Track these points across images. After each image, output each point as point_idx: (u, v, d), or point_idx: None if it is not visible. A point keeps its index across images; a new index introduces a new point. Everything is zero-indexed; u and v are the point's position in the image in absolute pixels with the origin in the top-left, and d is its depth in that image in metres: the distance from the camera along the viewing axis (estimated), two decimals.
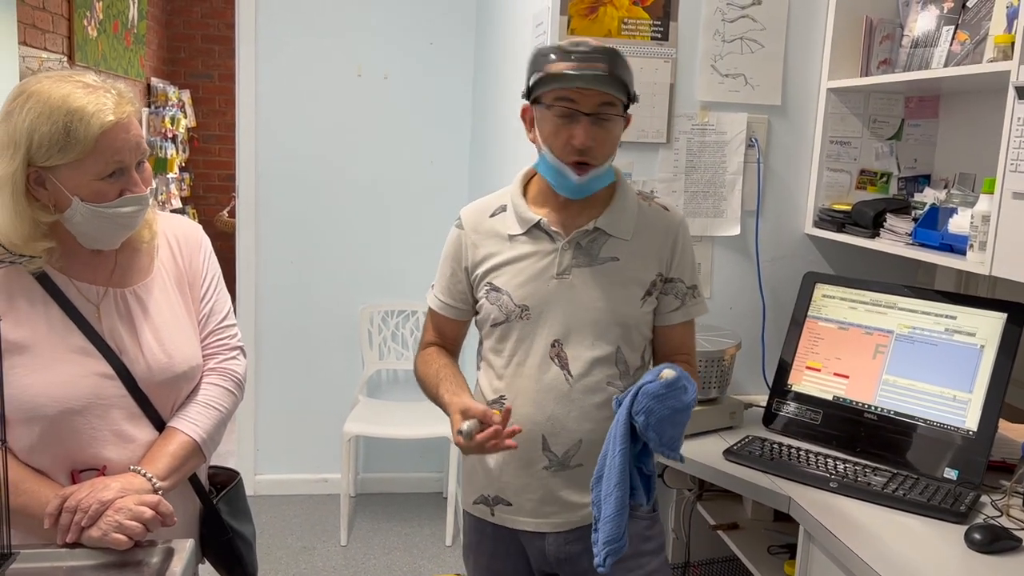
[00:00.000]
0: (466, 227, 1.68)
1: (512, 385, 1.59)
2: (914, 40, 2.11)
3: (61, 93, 1.30)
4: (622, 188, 1.59)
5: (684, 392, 1.37)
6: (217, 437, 1.54)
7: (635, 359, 1.59)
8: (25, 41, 3.75)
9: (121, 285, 1.46)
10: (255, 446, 3.83)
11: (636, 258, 1.56)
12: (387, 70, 3.67)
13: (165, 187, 5.85)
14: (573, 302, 1.54)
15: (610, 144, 1.50)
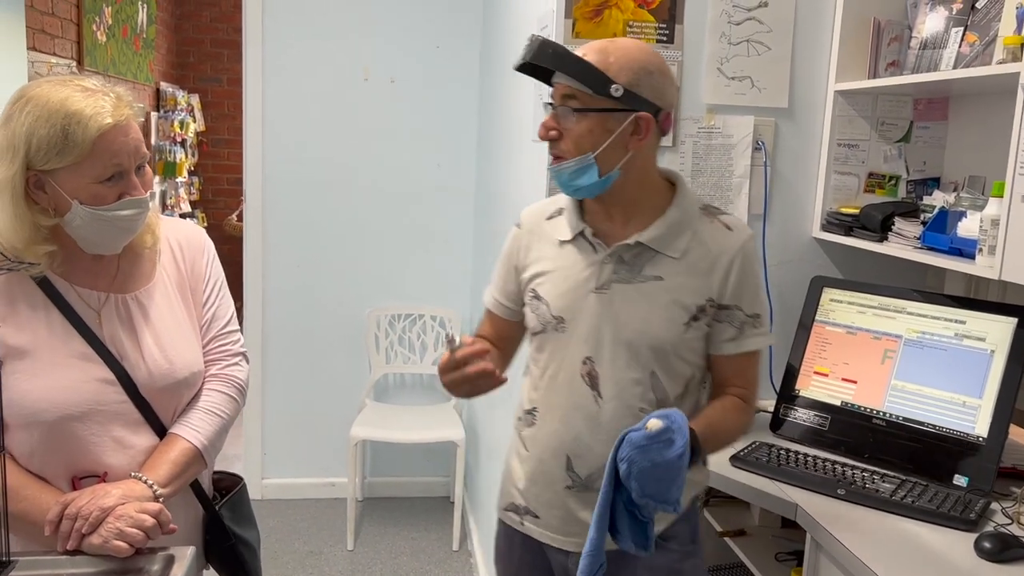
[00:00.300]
0: (523, 227, 1.62)
1: (544, 398, 1.54)
2: (923, 42, 2.09)
3: (59, 97, 1.30)
4: (678, 201, 1.48)
5: (668, 447, 1.26)
6: (219, 443, 1.53)
7: (675, 387, 1.48)
8: (34, 46, 3.77)
9: (123, 291, 1.46)
10: (262, 450, 3.83)
11: (683, 279, 1.44)
12: (394, 74, 3.67)
13: (174, 191, 5.87)
14: (609, 319, 1.46)
15: (577, 137, 1.40)
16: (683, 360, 1.47)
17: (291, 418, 3.83)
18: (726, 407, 1.48)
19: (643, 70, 1.40)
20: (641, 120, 1.40)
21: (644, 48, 1.43)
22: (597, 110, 1.40)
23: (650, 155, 1.47)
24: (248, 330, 3.75)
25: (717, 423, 1.45)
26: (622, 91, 1.38)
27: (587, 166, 1.42)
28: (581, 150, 1.41)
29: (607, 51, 1.40)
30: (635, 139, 1.41)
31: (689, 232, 1.46)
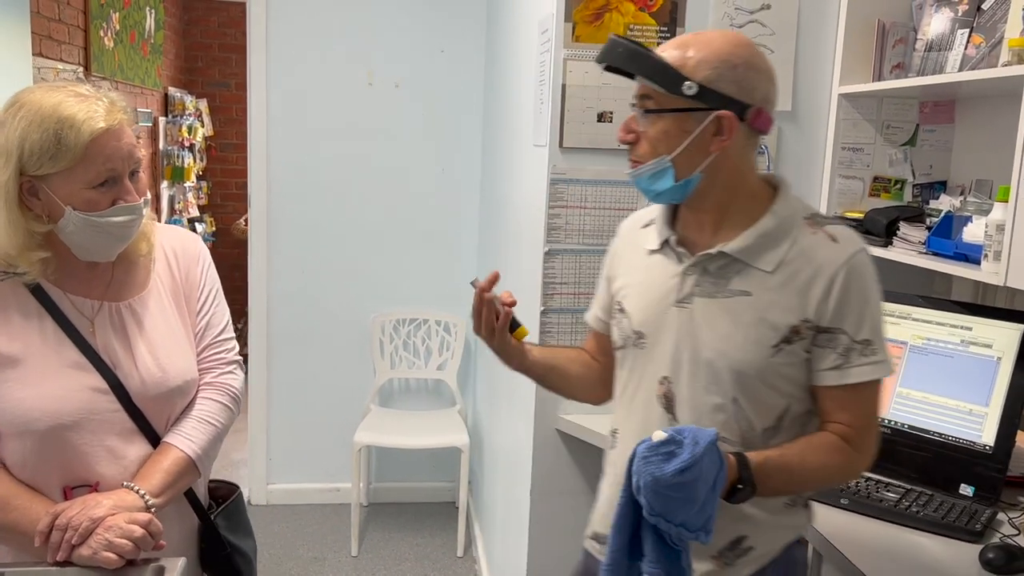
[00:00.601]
0: (620, 235, 1.54)
1: (623, 419, 1.46)
2: (928, 43, 2.06)
3: (52, 102, 1.30)
4: (776, 208, 1.32)
5: (666, 460, 1.14)
6: (212, 452, 1.52)
7: (763, 419, 1.31)
8: (41, 52, 3.78)
9: (116, 299, 1.45)
10: (267, 455, 3.83)
11: (774, 295, 1.28)
12: (398, 78, 3.66)
13: (182, 196, 5.88)
14: (689, 336, 1.33)
15: (652, 140, 1.29)
16: (772, 388, 1.30)
17: (296, 423, 3.83)
18: (813, 444, 1.30)
19: (725, 63, 1.25)
20: (723, 119, 1.25)
21: (733, 39, 1.29)
22: (671, 110, 1.27)
23: (741, 157, 1.31)
24: (253, 335, 3.75)
25: (790, 458, 1.28)
26: (696, 88, 1.24)
27: (663, 170, 1.30)
28: (656, 153, 1.30)
29: (687, 45, 1.28)
30: (718, 140, 1.27)
31: (787, 243, 1.30)
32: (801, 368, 1.30)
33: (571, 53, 2.09)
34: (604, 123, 2.12)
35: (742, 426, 1.31)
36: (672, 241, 1.37)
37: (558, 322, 2.19)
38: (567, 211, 2.15)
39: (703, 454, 1.15)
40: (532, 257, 2.29)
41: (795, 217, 1.33)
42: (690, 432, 1.17)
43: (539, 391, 2.23)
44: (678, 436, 1.16)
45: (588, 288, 2.19)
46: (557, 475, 2.27)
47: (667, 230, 1.39)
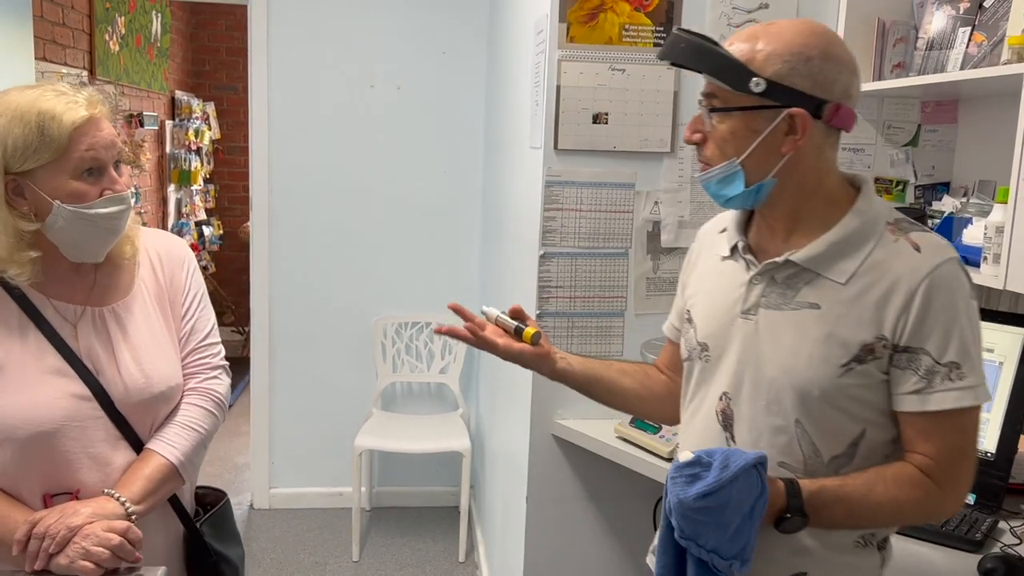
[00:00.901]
0: (697, 239, 1.46)
1: (683, 434, 1.38)
2: (929, 42, 2.02)
3: (30, 98, 1.31)
4: (854, 213, 1.20)
5: (690, 482, 1.09)
6: (196, 459, 1.51)
7: (830, 445, 1.20)
8: (45, 57, 3.79)
9: (100, 303, 1.44)
10: (270, 459, 3.82)
11: (845, 309, 1.17)
12: (400, 80, 3.65)
13: (189, 199, 5.89)
14: (753, 350, 1.24)
15: (720, 141, 1.21)
16: (842, 412, 1.18)
17: (299, 427, 3.81)
18: (885, 475, 1.18)
19: (798, 56, 1.15)
20: (795, 117, 1.16)
21: (807, 29, 1.18)
22: (738, 109, 1.18)
23: (817, 157, 1.20)
24: (255, 338, 3.74)
25: (854, 489, 1.17)
26: (764, 85, 1.14)
27: (732, 174, 1.21)
28: (725, 155, 1.21)
29: (756, 37, 1.18)
30: (790, 140, 1.17)
31: (864, 252, 1.18)
32: (878, 391, 1.18)
33: (566, 54, 2.07)
34: (599, 124, 2.10)
35: (805, 451, 1.20)
36: (741, 247, 1.29)
37: (554, 325, 2.17)
38: (562, 213, 2.13)
39: (733, 479, 1.08)
40: (528, 260, 2.27)
41: (876, 223, 1.20)
42: (722, 455, 1.11)
43: (536, 394, 2.20)
44: (706, 458, 1.11)
45: (584, 291, 2.16)
46: (554, 481, 2.25)
47: (737, 235, 1.30)
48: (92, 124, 1.33)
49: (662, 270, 2.19)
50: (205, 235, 6.05)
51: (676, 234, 2.17)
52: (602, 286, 2.17)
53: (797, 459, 1.21)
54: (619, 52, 2.08)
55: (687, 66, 1.22)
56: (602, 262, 2.16)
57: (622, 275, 2.18)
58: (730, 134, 1.20)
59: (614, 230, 2.15)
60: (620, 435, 2.07)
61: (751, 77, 1.15)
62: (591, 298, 2.17)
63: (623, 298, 2.19)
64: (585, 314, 2.18)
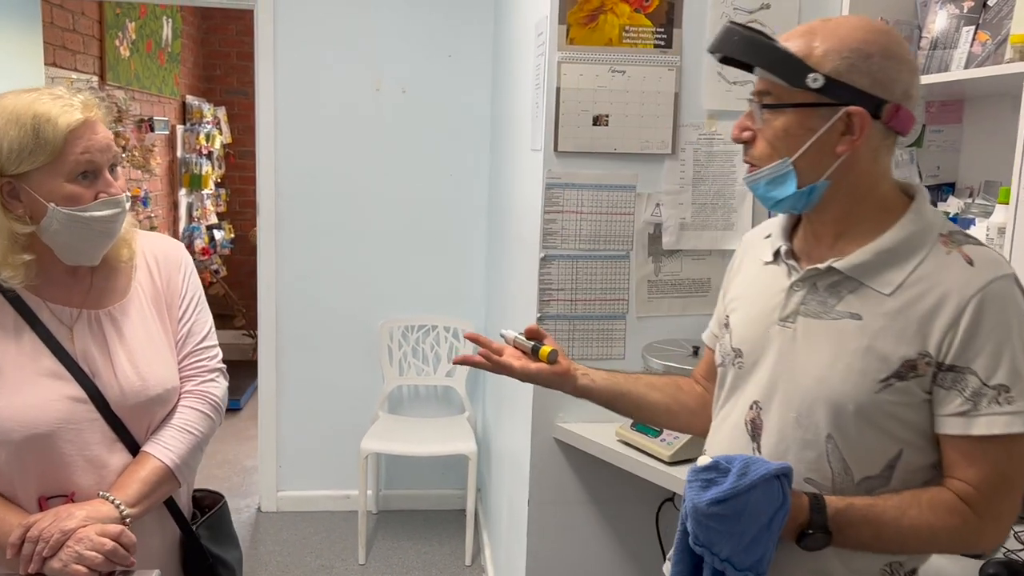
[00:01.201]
0: (741, 245, 1.41)
1: (711, 442, 1.34)
2: (933, 41, 2.00)
3: (26, 101, 1.31)
4: (906, 221, 1.15)
5: (704, 488, 1.06)
6: (192, 462, 1.51)
7: (863, 465, 1.14)
8: (55, 63, 3.82)
9: (96, 307, 1.44)
10: (277, 462, 3.83)
11: (887, 322, 1.11)
12: (406, 84, 3.65)
13: (200, 203, 5.93)
14: (788, 359, 1.19)
15: (771, 139, 1.15)
16: (878, 430, 1.12)
17: (306, 430, 3.82)
18: (921, 499, 1.11)
19: (858, 53, 1.10)
20: (853, 116, 1.11)
21: (867, 26, 1.14)
22: (792, 105, 1.13)
23: (872, 161, 1.15)
24: (262, 342, 3.75)
25: (884, 510, 1.11)
26: (823, 81, 1.09)
27: (783, 174, 1.15)
28: (776, 154, 1.15)
29: (814, 32, 1.14)
30: (847, 140, 1.12)
31: (913, 263, 1.13)
32: (919, 410, 1.12)
33: (565, 56, 2.06)
34: (600, 126, 2.09)
35: (835, 469, 1.15)
36: (784, 252, 1.24)
37: (555, 328, 2.16)
38: (563, 216, 2.12)
39: (750, 487, 1.04)
40: (528, 263, 2.26)
41: (927, 233, 1.14)
42: (741, 462, 1.07)
43: (537, 398, 2.20)
44: (724, 464, 1.08)
45: (585, 294, 2.15)
46: (555, 483, 2.24)
47: (781, 239, 1.26)
48: (87, 127, 1.33)
49: (664, 272, 2.18)
50: (216, 239, 6.09)
51: (678, 236, 2.16)
52: (603, 289, 2.16)
53: (825, 476, 1.15)
54: (619, 54, 2.07)
55: (741, 59, 1.18)
56: (603, 264, 2.15)
57: (623, 278, 2.17)
58: (783, 132, 1.14)
59: (615, 232, 2.14)
60: (621, 438, 2.05)
61: (808, 72, 1.10)
62: (592, 301, 2.16)
63: (624, 301, 2.17)
64: (586, 317, 2.17)
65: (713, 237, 2.17)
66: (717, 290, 2.18)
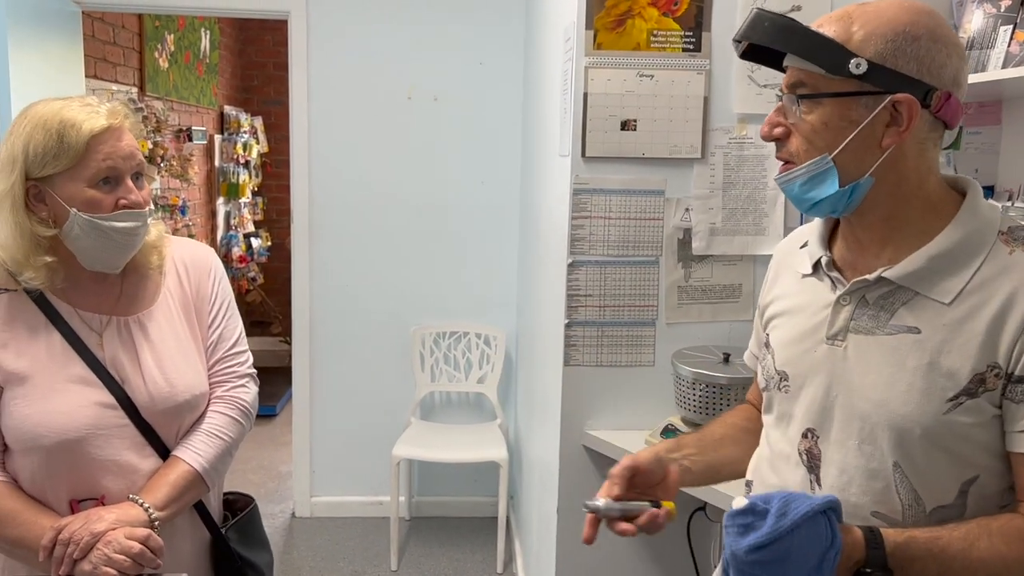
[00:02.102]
0: (775, 257, 1.31)
1: (757, 470, 1.24)
2: (969, 41, 1.96)
3: (55, 108, 1.34)
4: (960, 221, 1.05)
5: (743, 533, 0.95)
6: (221, 467, 1.52)
7: (935, 492, 1.04)
8: (96, 75, 3.91)
9: (125, 313, 1.46)
10: (311, 468, 3.85)
11: (951, 334, 1.01)
12: (437, 92, 3.67)
13: (238, 211, 6.01)
14: (842, 381, 1.09)
15: (808, 134, 1.05)
16: (949, 455, 1.02)
17: (339, 436, 3.85)
18: (990, 527, 1.00)
19: (904, 35, 1.00)
20: (900, 104, 1.00)
21: (910, 6, 1.03)
22: (832, 95, 1.03)
23: (919, 155, 1.05)
24: (297, 348, 3.78)
25: (950, 542, 0.99)
26: (866, 66, 0.99)
27: (822, 171, 1.05)
28: (815, 150, 1.05)
29: (850, 16, 1.03)
30: (893, 131, 1.02)
31: (973, 266, 1.02)
32: (991, 429, 1.01)
33: (593, 61, 2.05)
34: (628, 131, 2.08)
35: (904, 500, 1.04)
36: (825, 263, 1.13)
37: (583, 335, 2.14)
38: (591, 221, 2.11)
39: (792, 528, 0.94)
40: (556, 269, 2.26)
41: (986, 232, 1.04)
42: (780, 501, 0.97)
43: (565, 404, 2.18)
44: (761, 505, 0.98)
45: (613, 300, 2.14)
46: (584, 491, 2.21)
47: (820, 249, 1.15)
48: (111, 133, 1.35)
49: (694, 278, 2.15)
50: (253, 247, 6.17)
51: (708, 241, 2.14)
52: (632, 295, 2.14)
53: (895, 509, 1.05)
54: (647, 58, 2.06)
55: (772, 46, 1.06)
56: (632, 270, 2.14)
57: (653, 283, 2.15)
58: (822, 125, 1.04)
59: (644, 238, 2.13)
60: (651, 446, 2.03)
61: (850, 58, 1.00)
62: (621, 307, 2.15)
63: (654, 307, 2.15)
64: (615, 323, 2.15)
65: (744, 242, 2.14)
66: (748, 296, 2.16)
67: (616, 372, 2.17)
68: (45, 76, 3.13)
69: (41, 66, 3.11)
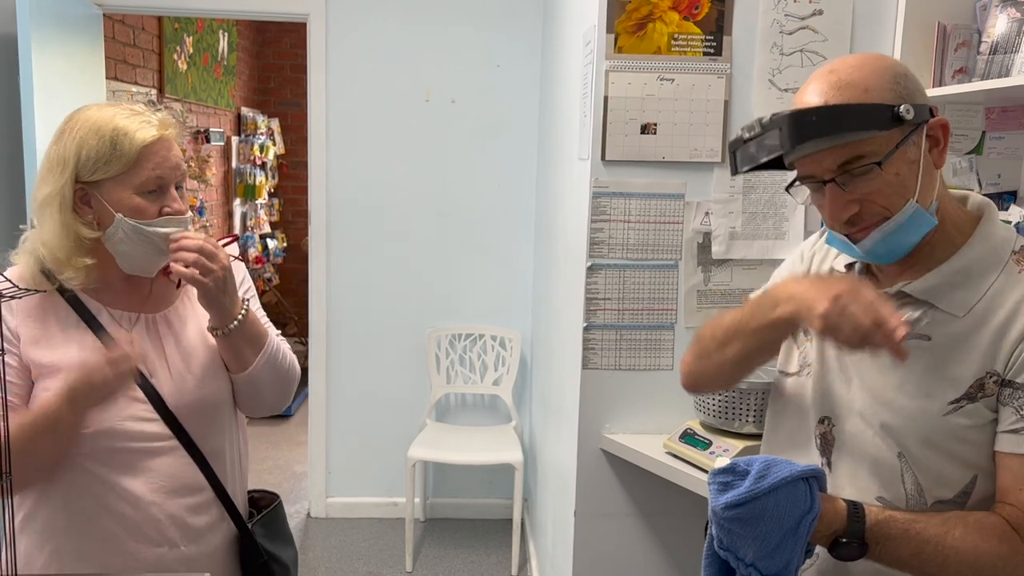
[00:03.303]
0: (806, 254, 1.36)
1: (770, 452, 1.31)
2: (993, 46, 1.95)
3: (108, 115, 1.39)
4: (977, 240, 1.13)
5: (722, 490, 1.04)
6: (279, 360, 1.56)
7: (938, 488, 1.10)
8: (116, 76, 3.94)
9: (154, 311, 1.50)
10: (326, 468, 3.87)
11: (957, 344, 1.09)
12: (455, 94, 3.68)
13: (254, 212, 6.04)
14: (858, 377, 1.17)
15: (890, 193, 1.09)
16: (948, 456, 1.09)
17: (355, 437, 3.86)
18: (968, 520, 1.06)
19: (899, 74, 1.11)
20: (935, 127, 1.11)
21: (872, 56, 1.14)
22: (896, 148, 1.08)
23: (934, 175, 1.14)
24: (313, 349, 3.80)
25: (927, 527, 1.05)
26: (913, 109, 1.07)
27: (912, 215, 1.10)
28: (903, 201, 1.10)
29: (847, 80, 1.09)
30: (937, 152, 1.12)
31: (986, 283, 1.10)
32: (988, 432, 1.08)
33: (613, 64, 2.05)
34: (648, 135, 2.07)
35: (909, 490, 1.11)
36: (858, 268, 1.22)
37: (601, 338, 2.14)
38: (610, 225, 2.11)
39: (769, 490, 1.02)
40: (575, 272, 2.26)
41: (1001, 251, 1.12)
42: (761, 463, 1.04)
43: (583, 408, 2.18)
44: (743, 466, 1.05)
45: (632, 304, 2.14)
46: (602, 495, 2.22)
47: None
48: (162, 144, 1.39)
49: (713, 282, 2.15)
50: (269, 248, 6.20)
51: (727, 245, 2.13)
52: (651, 298, 2.14)
53: (898, 496, 1.12)
54: (668, 62, 2.05)
55: (827, 135, 1.07)
56: (651, 274, 2.13)
57: (672, 287, 2.14)
58: (895, 177, 1.09)
59: (663, 241, 2.12)
60: (669, 450, 2.03)
61: (893, 108, 1.06)
62: (640, 311, 2.14)
63: (673, 311, 2.15)
64: (634, 327, 2.15)
65: (764, 247, 2.14)
66: None
67: (634, 376, 2.16)
68: (67, 77, 3.16)
69: (63, 67, 3.14)
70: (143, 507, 1.41)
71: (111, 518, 1.40)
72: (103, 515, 1.39)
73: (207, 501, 1.49)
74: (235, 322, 1.45)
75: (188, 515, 1.45)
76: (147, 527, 1.41)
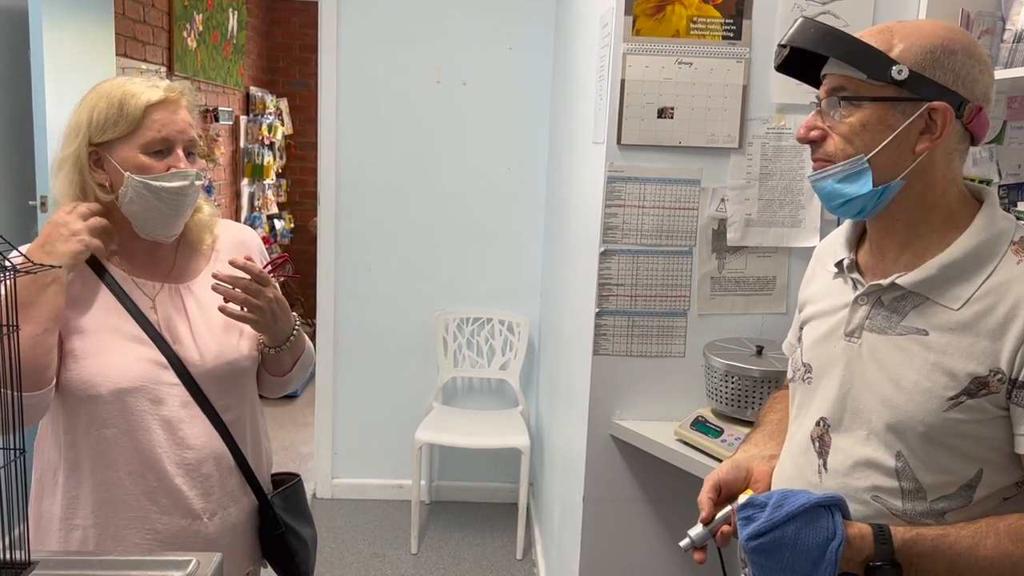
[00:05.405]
0: (815, 255, 1.36)
1: (780, 458, 1.30)
2: (1017, 34, 1.92)
3: (120, 81, 1.44)
4: (975, 230, 1.10)
5: (745, 524, 1.05)
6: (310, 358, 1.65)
7: (939, 486, 1.08)
8: (125, 53, 3.92)
9: (177, 281, 1.53)
10: (333, 450, 3.87)
11: (955, 338, 1.07)
12: (466, 76, 3.65)
13: (262, 193, 6.02)
14: (855, 375, 1.15)
15: (847, 134, 1.10)
16: (949, 450, 1.07)
17: (361, 419, 3.86)
18: (998, 526, 1.04)
19: (943, 49, 1.07)
20: (935, 112, 1.06)
21: (947, 24, 1.11)
22: (873, 99, 1.08)
23: (947, 165, 1.10)
24: (320, 330, 3.80)
25: (957, 539, 1.04)
26: (907, 73, 1.05)
27: (857, 171, 1.10)
28: (852, 150, 1.10)
29: (891, 30, 1.10)
30: (926, 138, 1.08)
31: (983, 275, 1.08)
32: (996, 426, 1.06)
33: (631, 47, 2.03)
34: (665, 119, 2.05)
35: (906, 487, 1.10)
36: (847, 264, 1.20)
37: (613, 324, 2.13)
38: (624, 210, 2.09)
39: (786, 519, 1.03)
40: (588, 257, 2.24)
41: (998, 241, 1.09)
42: (779, 495, 1.06)
43: (594, 394, 2.17)
44: (761, 499, 1.07)
45: (645, 290, 2.12)
46: (611, 481, 2.21)
47: (845, 251, 1.22)
48: (167, 106, 1.42)
49: (727, 269, 2.13)
50: (277, 229, 6.18)
51: (743, 232, 2.11)
52: (664, 285, 2.12)
53: (892, 493, 1.10)
54: (686, 45, 2.03)
55: (817, 51, 1.12)
56: (665, 260, 2.12)
57: (685, 274, 2.13)
58: (860, 127, 1.09)
59: (678, 227, 2.11)
60: (680, 437, 2.02)
61: (892, 64, 1.06)
62: (653, 297, 2.13)
63: (686, 297, 2.13)
64: (646, 313, 2.13)
65: (779, 234, 2.12)
66: (782, 288, 2.14)
67: (646, 362, 2.15)
68: (77, 53, 3.14)
69: (74, 43, 3.12)
70: (166, 477, 1.43)
71: (135, 486, 1.42)
72: (126, 483, 1.42)
73: (228, 469, 1.52)
74: (287, 343, 1.52)
75: (209, 484, 1.48)
76: (167, 495, 1.44)
